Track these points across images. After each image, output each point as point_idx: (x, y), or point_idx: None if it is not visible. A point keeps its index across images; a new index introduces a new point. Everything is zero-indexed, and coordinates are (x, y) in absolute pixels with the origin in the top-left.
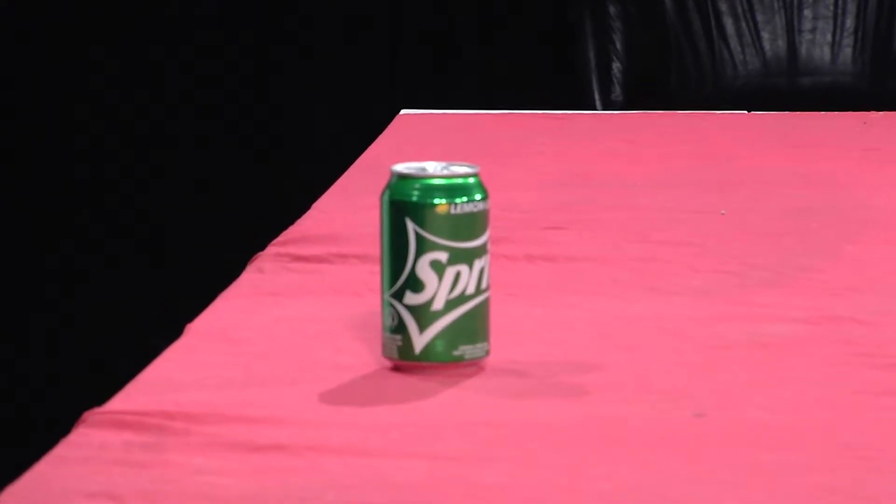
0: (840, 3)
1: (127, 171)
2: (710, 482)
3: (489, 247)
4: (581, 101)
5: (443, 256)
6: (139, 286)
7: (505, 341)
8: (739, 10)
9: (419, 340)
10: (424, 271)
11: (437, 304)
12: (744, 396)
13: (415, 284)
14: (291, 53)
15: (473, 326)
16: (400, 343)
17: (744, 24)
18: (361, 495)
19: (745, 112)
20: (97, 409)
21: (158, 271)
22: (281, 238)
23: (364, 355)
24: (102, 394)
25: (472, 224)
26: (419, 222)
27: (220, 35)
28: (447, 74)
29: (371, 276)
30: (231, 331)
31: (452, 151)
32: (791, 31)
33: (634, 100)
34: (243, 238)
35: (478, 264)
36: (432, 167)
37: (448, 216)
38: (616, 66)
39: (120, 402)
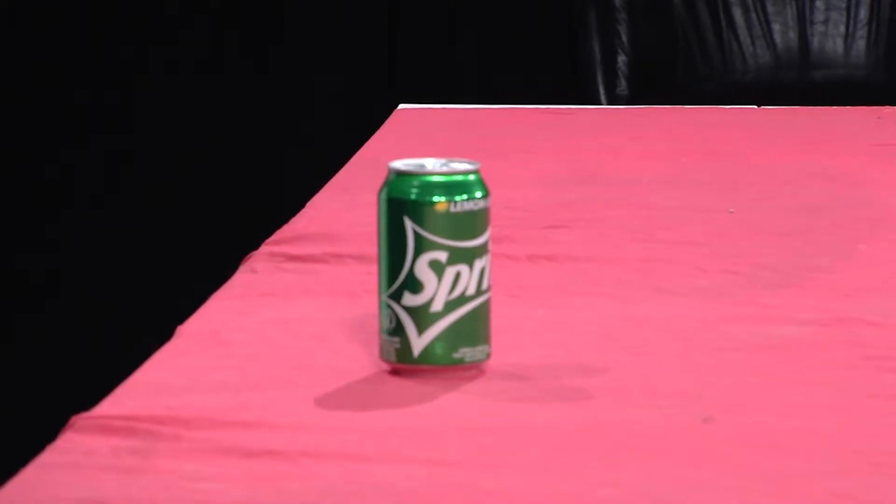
0: None
1: (116, 166)
2: (718, 489)
3: (490, 246)
4: (585, 96)
5: (442, 256)
6: (128, 287)
7: (506, 344)
8: (749, 0)
9: (418, 343)
10: (423, 271)
11: (437, 306)
12: (752, 400)
13: (413, 285)
14: (288, 47)
15: (474, 328)
16: (398, 345)
17: (754, 16)
18: (359, 502)
19: (755, 107)
20: (85, 414)
21: (148, 271)
22: (275, 237)
23: (361, 358)
24: (90, 398)
25: (473, 223)
26: (418, 221)
27: (216, 29)
28: (447, 68)
29: (368, 276)
30: (223, 333)
31: (452, 147)
32: (802, 22)
33: (640, 94)
34: (236, 237)
35: (478, 264)
36: (431, 164)
37: (447, 214)
38: (621, 59)
39: (108, 406)
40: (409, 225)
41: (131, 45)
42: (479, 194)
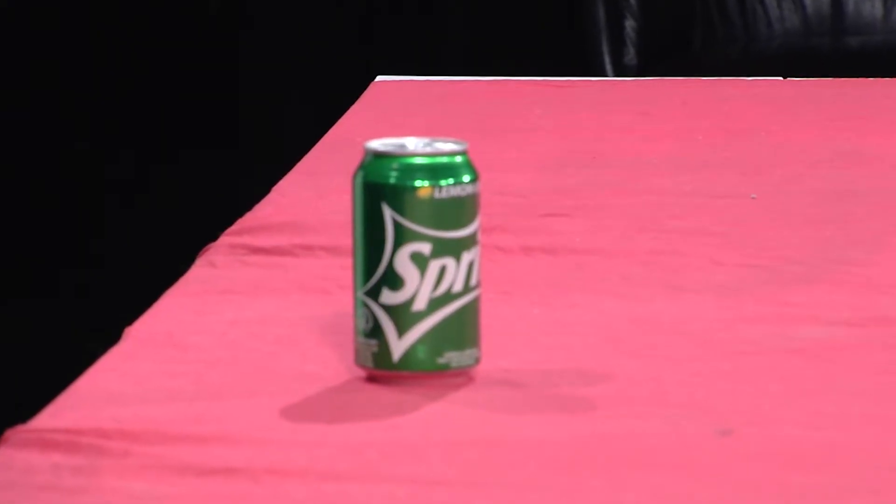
0: None
1: (57, 149)
2: None
3: (479, 237)
4: (588, 66)
5: (425, 248)
6: (69, 283)
7: (498, 347)
8: None
9: (398, 346)
10: (404, 265)
11: (419, 304)
12: (775, 411)
13: (393, 281)
14: (252, 10)
15: (461, 330)
16: (375, 349)
17: None
18: None
19: (781, 79)
20: (21, 427)
21: (92, 266)
22: (236, 226)
23: (333, 363)
24: (27, 408)
25: (460, 210)
26: (398, 208)
27: None
28: (430, 34)
29: (342, 270)
30: (177, 335)
31: (436, 125)
32: None
33: (650, 64)
34: (191, 226)
35: (466, 257)
36: (413, 144)
37: (431, 201)
38: (629, 24)
39: (48, 418)
40: (387, 213)
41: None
42: (467, 178)
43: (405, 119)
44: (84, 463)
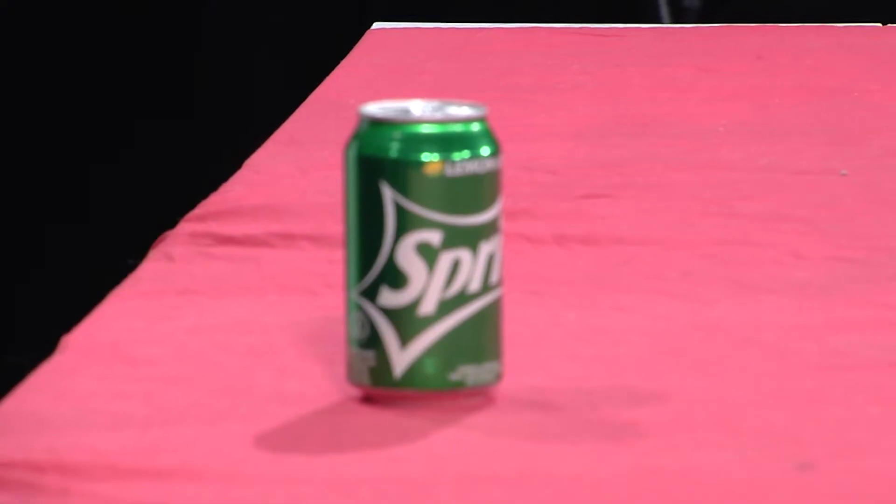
0: None
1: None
2: None
3: (502, 223)
4: (639, 9)
5: (435, 237)
6: None
7: (525, 360)
8: None
9: (401, 359)
10: (408, 259)
11: (427, 307)
12: (869, 440)
13: (394, 278)
14: None
15: (479, 339)
16: (373, 363)
17: None
18: None
19: (880, 25)
20: None
21: (24, 261)
22: (198, 210)
23: (320, 380)
24: None
25: (477, 190)
26: (400, 188)
27: None
28: None
29: (330, 265)
30: (126, 345)
31: (448, 84)
32: None
33: (717, 7)
34: (144, 210)
35: (485, 249)
36: (419, 108)
37: (442, 179)
38: None
39: None
40: (387, 194)
41: None
42: (486, 151)
43: (409, 77)
44: (14, 503)
